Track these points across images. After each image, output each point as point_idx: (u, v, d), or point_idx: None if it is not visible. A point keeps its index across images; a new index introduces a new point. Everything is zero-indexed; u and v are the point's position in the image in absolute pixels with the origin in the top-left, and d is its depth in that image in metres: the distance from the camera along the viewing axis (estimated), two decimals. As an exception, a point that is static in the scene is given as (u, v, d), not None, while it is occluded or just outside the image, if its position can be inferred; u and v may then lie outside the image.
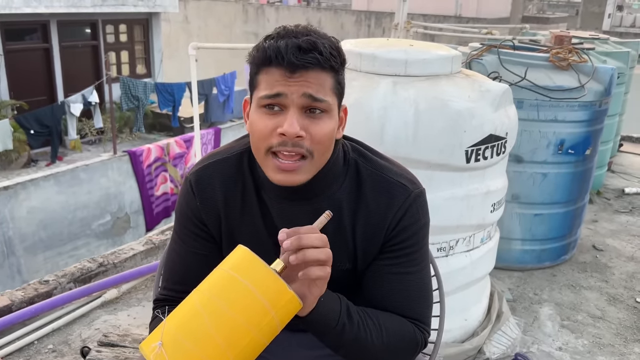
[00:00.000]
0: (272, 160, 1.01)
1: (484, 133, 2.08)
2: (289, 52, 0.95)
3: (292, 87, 0.96)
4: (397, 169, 1.14)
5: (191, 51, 3.39)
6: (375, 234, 1.10)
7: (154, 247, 3.27)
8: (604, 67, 3.13)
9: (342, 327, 1.01)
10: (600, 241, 3.83)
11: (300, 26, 1.01)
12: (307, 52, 0.95)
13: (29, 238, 8.19)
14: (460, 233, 2.26)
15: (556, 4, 33.68)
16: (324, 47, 0.97)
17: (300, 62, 0.95)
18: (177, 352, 0.83)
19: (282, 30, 0.99)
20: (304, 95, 0.97)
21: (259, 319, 0.86)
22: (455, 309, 2.34)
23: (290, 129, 0.96)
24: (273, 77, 0.97)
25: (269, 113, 0.99)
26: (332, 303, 1.01)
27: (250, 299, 0.85)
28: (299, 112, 0.98)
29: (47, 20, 11.56)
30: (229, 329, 0.84)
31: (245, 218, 1.13)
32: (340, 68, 1.02)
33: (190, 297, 0.90)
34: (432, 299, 1.17)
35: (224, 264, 0.91)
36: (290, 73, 0.96)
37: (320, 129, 0.99)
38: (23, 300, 2.64)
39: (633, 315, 2.94)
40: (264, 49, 0.98)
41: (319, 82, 0.98)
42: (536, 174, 3.11)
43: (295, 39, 0.96)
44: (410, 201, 1.09)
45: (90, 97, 10.48)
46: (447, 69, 2.19)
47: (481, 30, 5.85)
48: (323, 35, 1.01)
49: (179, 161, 9.60)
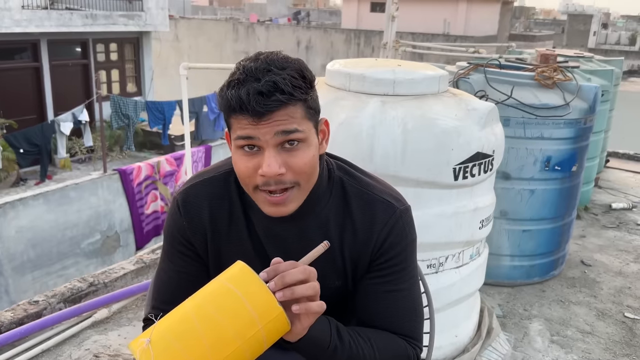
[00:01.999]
0: (260, 194, 1.02)
1: (471, 151, 2.12)
2: (252, 101, 0.94)
3: (262, 130, 0.97)
4: (382, 186, 1.16)
5: (182, 71, 3.43)
6: (363, 251, 1.11)
7: (145, 266, 3.27)
8: (588, 85, 3.19)
9: (334, 349, 1.01)
10: (589, 256, 3.87)
11: (260, 59, 0.99)
12: (269, 96, 0.95)
13: (17, 258, 8.11)
14: (449, 250, 2.28)
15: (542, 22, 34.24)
16: (286, 84, 0.95)
17: (264, 108, 0.95)
18: (163, 350, 0.85)
19: (242, 74, 0.97)
20: (276, 134, 0.97)
21: (247, 330, 0.87)
22: (446, 325, 2.35)
23: (269, 171, 0.97)
24: (243, 122, 0.98)
25: (247, 154, 1.00)
26: (322, 326, 1.00)
27: (240, 308, 0.88)
28: (275, 150, 0.98)
29: (37, 39, 11.60)
30: (217, 334, 0.86)
31: (232, 237, 1.14)
32: (308, 92, 1.00)
33: (184, 303, 0.92)
34: (422, 315, 1.18)
35: (220, 275, 0.94)
36: (258, 119, 0.96)
37: (300, 159, 1.00)
38: (12, 321, 2.62)
39: (622, 330, 2.97)
40: (227, 99, 0.97)
41: (288, 116, 0.97)
42: (524, 190, 3.15)
43: (255, 84, 0.95)
44: (396, 218, 1.11)
45: (81, 115, 10.48)
46: (435, 88, 2.23)
47: (468, 49, 5.94)
48: (283, 64, 0.98)
49: (169, 179, 9.58)
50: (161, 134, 11.70)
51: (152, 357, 0.85)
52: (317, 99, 1.05)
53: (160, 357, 0.85)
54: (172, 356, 0.85)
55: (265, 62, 0.98)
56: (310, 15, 31.06)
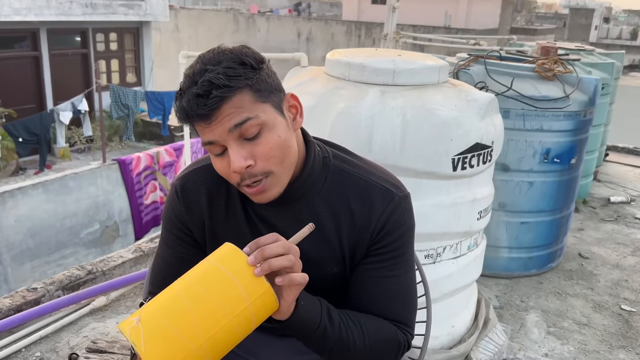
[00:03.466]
0: (243, 188, 1.04)
1: (470, 142, 2.12)
2: (193, 107, 0.94)
3: (216, 130, 0.96)
4: (381, 173, 1.16)
5: (181, 60, 3.41)
6: (361, 237, 1.11)
7: (143, 254, 3.27)
8: (588, 77, 3.19)
9: (323, 329, 1.02)
10: (586, 249, 3.88)
11: (199, 61, 0.98)
12: (207, 96, 0.94)
13: (16, 246, 8.12)
14: (447, 240, 2.29)
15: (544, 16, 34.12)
16: (219, 78, 0.94)
17: (205, 109, 0.94)
18: (153, 327, 0.86)
19: (183, 83, 0.98)
20: (230, 130, 0.96)
21: (235, 306, 0.89)
22: (443, 315, 2.36)
23: (235, 167, 0.98)
24: (198, 128, 0.99)
25: (218, 157, 1.02)
26: (312, 306, 1.02)
27: (228, 286, 0.89)
28: (237, 144, 0.98)
29: (36, 28, 11.55)
30: (206, 312, 0.88)
31: (230, 223, 1.14)
32: (250, 76, 0.97)
33: (173, 284, 0.94)
34: (416, 302, 1.18)
35: (209, 256, 0.95)
36: (207, 121, 0.96)
37: (264, 146, 0.99)
38: (10, 308, 2.63)
39: (618, 322, 2.98)
40: (177, 112, 0.99)
41: (235, 108, 0.96)
42: (522, 182, 3.16)
43: (193, 88, 0.95)
44: (395, 205, 1.11)
45: (80, 105, 10.46)
46: (435, 79, 2.23)
47: (469, 41, 5.92)
48: (219, 58, 0.97)
49: (168, 170, 9.57)
50: (161, 124, 11.68)
51: (141, 335, 0.85)
52: (269, 78, 1.01)
53: (150, 334, 0.86)
54: (162, 333, 0.86)
55: (202, 63, 0.97)
56: (311, 7, 30.93)
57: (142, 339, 0.85)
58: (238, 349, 1.26)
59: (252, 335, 1.27)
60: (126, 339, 0.88)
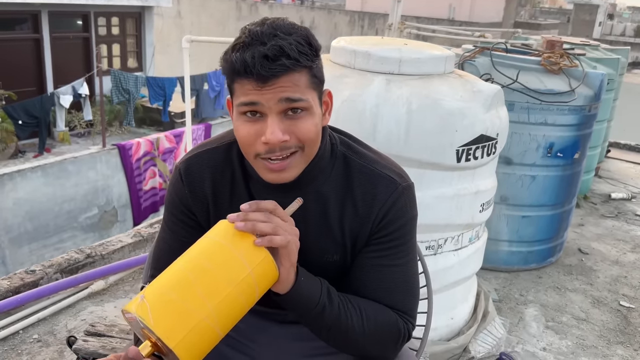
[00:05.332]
0: (261, 162, 1.01)
1: (475, 133, 2.10)
2: (257, 64, 0.92)
3: (266, 95, 0.95)
4: (386, 162, 1.15)
5: (185, 44, 3.38)
6: (363, 225, 1.10)
7: (142, 239, 3.26)
8: (594, 72, 3.16)
9: (322, 307, 1.02)
10: (586, 245, 3.87)
11: (266, 24, 0.97)
12: (275, 60, 0.93)
13: (14, 229, 8.11)
14: (449, 232, 2.28)
15: (548, 11, 33.95)
16: (292, 49, 0.94)
17: (269, 72, 0.93)
18: (159, 301, 0.88)
19: (247, 37, 0.95)
20: (280, 100, 0.95)
21: (237, 274, 0.91)
22: (442, 307, 2.36)
23: (272, 138, 0.96)
24: (246, 87, 0.96)
25: (249, 120, 0.98)
26: (312, 283, 1.03)
27: (229, 255, 0.92)
28: (279, 117, 0.97)
29: (38, 10, 11.46)
30: (210, 281, 0.90)
31: (234, 207, 1.12)
32: (314, 60, 0.99)
33: (174, 262, 0.96)
34: (418, 292, 1.17)
35: (207, 233, 0.98)
36: (262, 83, 0.94)
37: (303, 127, 0.99)
38: (9, 290, 2.62)
39: (616, 318, 2.98)
40: (232, 62, 0.95)
41: (293, 83, 0.96)
42: (525, 176, 3.14)
43: (261, 47, 0.93)
44: (398, 194, 1.10)
45: (81, 89, 10.41)
46: (441, 69, 2.20)
47: (474, 33, 5.89)
48: (290, 30, 0.97)
49: (168, 156, 9.56)
50: (161, 110, 11.63)
51: (148, 309, 0.86)
52: (322, 68, 1.04)
53: (157, 307, 0.87)
54: (169, 305, 0.87)
55: (271, 27, 0.96)
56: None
57: (150, 312, 0.85)
58: (238, 335, 1.26)
59: (252, 321, 1.26)
60: (126, 323, 0.87)
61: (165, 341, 0.84)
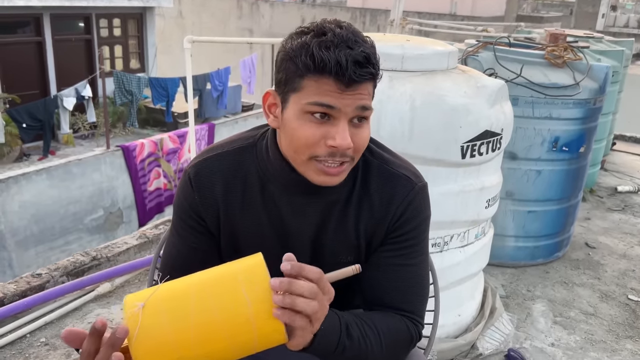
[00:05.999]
0: (315, 164, 0.99)
1: (479, 129, 2.09)
2: (350, 68, 0.91)
3: (345, 100, 0.94)
4: (401, 162, 1.15)
5: (186, 45, 3.37)
6: (378, 225, 1.10)
7: (148, 241, 3.26)
8: (599, 65, 3.14)
9: (342, 348, 0.97)
10: (593, 239, 3.85)
11: (343, 27, 0.95)
12: (363, 67, 0.93)
13: (20, 232, 8.13)
14: (454, 229, 2.26)
15: (550, 4, 33.78)
16: (375, 58, 0.95)
17: (358, 78, 0.92)
18: (151, 321, 0.83)
19: (332, 36, 0.93)
20: (357, 107, 0.96)
21: (240, 333, 0.84)
22: (449, 304, 2.35)
23: (343, 143, 0.95)
24: (325, 87, 0.93)
25: (316, 121, 0.96)
26: (330, 328, 0.94)
27: (241, 308, 0.83)
28: (349, 123, 0.97)
29: (40, 13, 11.47)
30: (207, 325, 0.83)
31: (246, 213, 1.12)
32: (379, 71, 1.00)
33: (195, 276, 0.89)
34: (428, 292, 1.17)
35: (237, 262, 0.89)
36: (346, 87, 0.93)
37: (364, 136, 1.00)
38: (15, 294, 2.62)
39: (625, 312, 2.96)
40: (322, 59, 0.91)
41: (368, 92, 0.97)
42: (530, 171, 3.12)
43: (350, 50, 0.92)
44: (414, 194, 1.10)
45: (84, 91, 10.41)
46: (444, 65, 2.19)
47: (476, 28, 5.86)
48: (364, 38, 0.96)
49: (172, 157, 9.56)
50: (164, 111, 11.63)
51: (137, 326, 0.82)
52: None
53: (146, 329, 0.82)
54: (157, 332, 0.82)
55: (351, 32, 0.95)
56: (316, -7, 30.66)
57: (137, 330, 0.82)
58: None
59: None
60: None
61: None
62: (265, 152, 1.09)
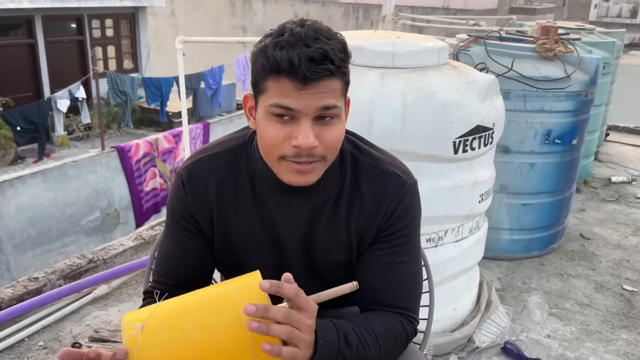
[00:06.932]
0: (286, 163, 1.00)
1: (471, 124, 2.10)
2: (302, 65, 0.91)
3: (304, 100, 0.94)
4: (391, 159, 1.15)
5: (178, 45, 3.37)
6: (370, 224, 1.11)
7: (144, 242, 3.27)
8: (589, 57, 3.15)
9: (342, 358, 0.98)
10: (588, 230, 3.87)
11: (305, 25, 0.96)
12: (319, 64, 0.92)
13: (17, 235, 8.13)
14: (449, 223, 2.28)
15: (543, -5, 33.72)
16: (335, 54, 0.93)
17: (313, 75, 0.92)
18: (150, 341, 0.84)
19: (289, 35, 0.93)
20: (318, 107, 0.95)
21: (238, 353, 0.85)
22: (445, 298, 2.36)
23: (305, 143, 0.95)
24: (284, 88, 0.94)
25: (280, 122, 0.97)
26: (329, 341, 0.96)
27: (238, 328, 0.85)
28: (312, 122, 0.96)
29: (31, 15, 11.43)
30: (206, 344, 0.85)
31: (238, 213, 1.13)
32: (348, 68, 0.99)
33: (192, 294, 0.90)
34: (421, 289, 1.18)
35: (235, 280, 0.91)
36: (303, 85, 0.92)
37: (333, 135, 0.98)
38: (12, 298, 2.63)
39: (620, 302, 2.98)
40: (275, 59, 0.92)
41: (330, 90, 0.95)
42: (524, 164, 3.14)
43: (306, 48, 0.92)
44: (404, 192, 1.10)
45: (77, 92, 10.38)
46: (435, 61, 2.20)
47: (468, 22, 5.86)
48: (330, 35, 0.96)
49: (167, 156, 9.55)
50: (159, 110, 11.61)
51: (137, 346, 0.84)
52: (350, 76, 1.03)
53: (145, 350, 0.84)
54: (157, 351, 0.84)
55: (313, 30, 0.95)
56: (308, -11, 30.56)
57: (136, 352, 0.83)
58: None
59: None
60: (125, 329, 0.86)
61: None
62: (254, 153, 1.10)
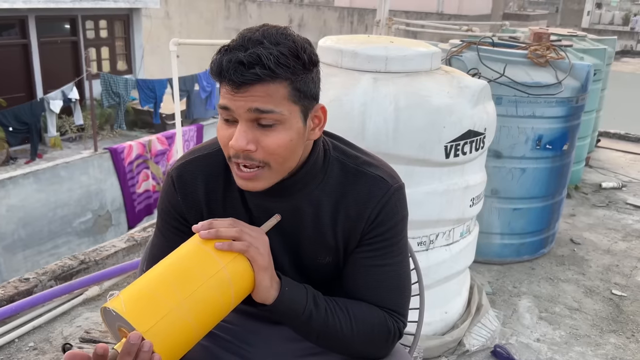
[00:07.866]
0: (233, 165, 1.03)
1: (462, 128, 2.12)
2: (230, 70, 0.93)
3: (237, 102, 0.95)
4: (378, 163, 1.16)
5: (172, 47, 3.37)
6: (355, 227, 1.11)
7: (136, 244, 3.26)
8: (580, 63, 3.19)
9: (309, 314, 1.05)
10: (578, 235, 3.90)
11: (259, 30, 0.96)
12: (249, 68, 0.92)
13: (8, 237, 8.08)
14: (440, 227, 2.29)
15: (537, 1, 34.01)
16: (269, 59, 0.92)
17: (240, 79, 0.93)
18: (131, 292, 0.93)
19: (235, 41, 0.96)
20: (250, 110, 0.95)
21: (209, 268, 0.96)
22: (436, 302, 2.38)
23: (235, 144, 0.97)
24: (224, 90, 0.97)
25: (226, 123, 1.00)
26: (297, 291, 1.06)
27: (201, 252, 0.98)
28: (249, 125, 0.97)
29: (25, 15, 11.40)
30: (181, 274, 0.95)
31: (227, 213, 1.13)
32: (301, 73, 0.97)
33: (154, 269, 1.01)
34: (409, 291, 1.19)
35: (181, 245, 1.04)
36: (236, 88, 0.94)
37: (273, 141, 0.98)
38: (3, 298, 2.62)
39: (609, 306, 3.01)
40: (212, 63, 0.96)
41: (267, 94, 0.95)
42: (515, 169, 3.16)
43: (240, 53, 0.93)
44: (389, 196, 1.11)
45: (70, 93, 10.36)
46: (427, 66, 2.22)
47: (461, 27, 5.90)
48: (279, 40, 0.95)
49: (160, 158, 9.53)
50: (152, 112, 11.59)
51: (122, 300, 0.90)
52: (312, 83, 1.01)
53: (129, 298, 0.91)
54: (140, 296, 0.92)
55: (261, 34, 0.95)
56: (303, -7, 30.64)
57: (123, 303, 0.89)
58: (231, 337, 1.27)
59: (246, 323, 1.27)
60: (103, 323, 0.91)
61: (137, 327, 0.86)
62: None
